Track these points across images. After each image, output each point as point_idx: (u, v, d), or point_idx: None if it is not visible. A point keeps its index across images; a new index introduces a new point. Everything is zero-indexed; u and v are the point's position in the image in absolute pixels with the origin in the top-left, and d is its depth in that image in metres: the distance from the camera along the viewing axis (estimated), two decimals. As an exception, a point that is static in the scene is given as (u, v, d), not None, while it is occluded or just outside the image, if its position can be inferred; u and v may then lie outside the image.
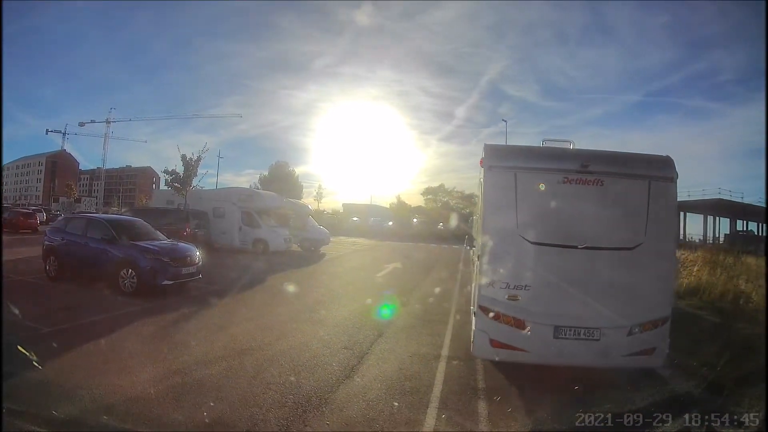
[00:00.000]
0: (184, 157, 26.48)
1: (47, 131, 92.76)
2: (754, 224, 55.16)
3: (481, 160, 5.94)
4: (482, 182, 6.03)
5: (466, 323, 7.80)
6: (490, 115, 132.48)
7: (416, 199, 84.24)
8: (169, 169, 26.60)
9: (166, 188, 27.72)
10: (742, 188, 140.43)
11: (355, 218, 61.09)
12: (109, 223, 11.57)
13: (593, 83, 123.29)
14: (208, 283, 11.84)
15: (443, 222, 54.88)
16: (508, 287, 5.60)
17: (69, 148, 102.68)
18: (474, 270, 7.27)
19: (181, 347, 6.65)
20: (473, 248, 8.95)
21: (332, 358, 6.60)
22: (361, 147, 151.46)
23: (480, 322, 5.77)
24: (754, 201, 46.89)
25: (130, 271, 10.23)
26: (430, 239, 44.12)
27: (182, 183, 26.03)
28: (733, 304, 10.39)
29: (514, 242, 5.64)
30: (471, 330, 6.25)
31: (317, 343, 7.33)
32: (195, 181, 27.03)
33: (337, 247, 28.55)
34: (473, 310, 6.16)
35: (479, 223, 6.59)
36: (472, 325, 6.11)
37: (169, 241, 11.87)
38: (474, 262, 7.31)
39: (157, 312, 8.73)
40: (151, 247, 10.67)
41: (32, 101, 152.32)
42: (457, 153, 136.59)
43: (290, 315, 9.28)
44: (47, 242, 11.92)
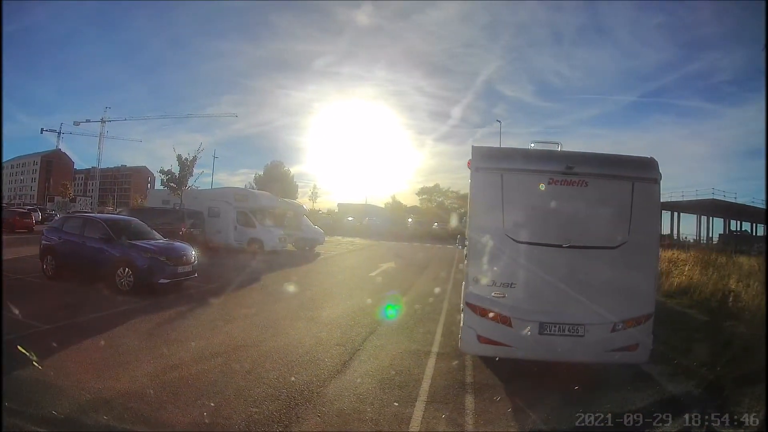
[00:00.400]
0: (179, 158, 26.72)
1: (42, 130, 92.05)
2: (747, 224, 55.66)
3: (469, 161, 6.09)
4: (470, 183, 6.20)
5: (457, 321, 7.96)
6: (485, 115, 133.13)
7: (411, 199, 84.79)
8: (165, 169, 26.85)
9: (162, 188, 27.84)
10: (735, 189, 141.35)
11: (350, 218, 61.23)
12: (106, 222, 11.70)
13: (588, 83, 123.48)
14: (203, 281, 11.99)
15: (438, 222, 55.11)
16: (495, 285, 5.76)
17: (64, 148, 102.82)
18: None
19: (177, 344, 6.80)
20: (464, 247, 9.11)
21: (325, 354, 6.76)
22: (356, 147, 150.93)
23: (468, 318, 5.93)
24: (747, 201, 47.26)
25: (127, 269, 10.38)
26: (425, 239, 44.33)
27: (178, 183, 26.19)
28: (722, 303, 10.54)
29: (501, 241, 5.79)
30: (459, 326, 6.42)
31: (310, 339, 7.49)
32: (190, 181, 27.30)
33: (332, 247, 28.75)
34: (462, 307, 6.33)
35: (467, 222, 6.76)
36: (461, 321, 6.29)
37: (165, 241, 12.02)
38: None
39: (154, 310, 8.86)
40: (148, 247, 10.82)
41: (27, 100, 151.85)
42: (452, 153, 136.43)
43: (284, 313, 9.43)
44: (44, 241, 12.06)
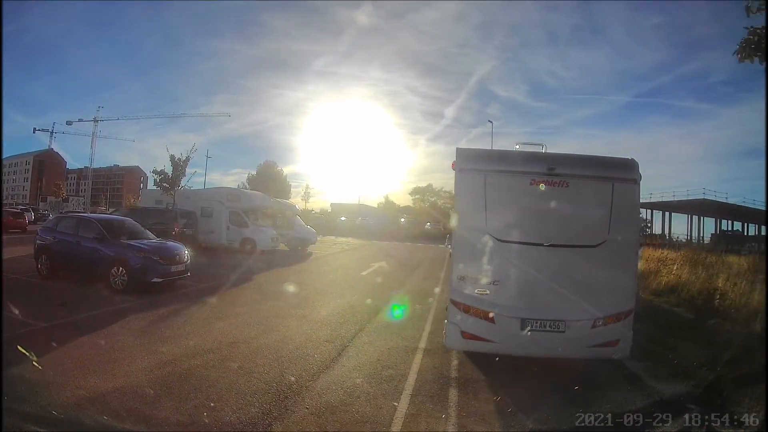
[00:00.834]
0: (172, 158, 26.80)
1: (35, 130, 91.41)
2: (738, 224, 56.19)
3: (453, 163, 6.29)
4: (454, 184, 6.39)
5: (444, 318, 8.14)
6: (479, 115, 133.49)
7: (404, 199, 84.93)
8: (158, 169, 26.92)
9: (155, 188, 27.89)
10: (728, 189, 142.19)
11: (343, 218, 61.39)
12: (100, 222, 11.83)
13: (583, 84, 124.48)
14: (196, 281, 12.14)
15: (431, 222, 55.36)
16: (478, 282, 5.96)
17: (56, 147, 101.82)
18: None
19: (171, 341, 6.96)
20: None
21: (314, 350, 6.95)
22: (349, 147, 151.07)
23: (452, 314, 6.14)
24: (738, 201, 47.66)
25: (120, 269, 10.51)
26: (417, 239, 44.62)
27: (171, 183, 26.25)
28: (708, 301, 10.71)
29: (484, 240, 5.98)
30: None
31: (301, 336, 7.67)
32: (183, 181, 27.41)
33: (325, 247, 28.91)
34: (447, 304, 6.52)
35: (452, 222, 6.94)
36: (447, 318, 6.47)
37: (158, 240, 12.18)
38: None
39: (148, 308, 9.01)
40: (142, 246, 10.97)
41: (20, 99, 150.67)
42: (445, 153, 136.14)
43: (276, 311, 9.59)
44: (39, 241, 12.16)
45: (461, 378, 6.15)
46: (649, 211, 54.10)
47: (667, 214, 55.09)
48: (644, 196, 47.83)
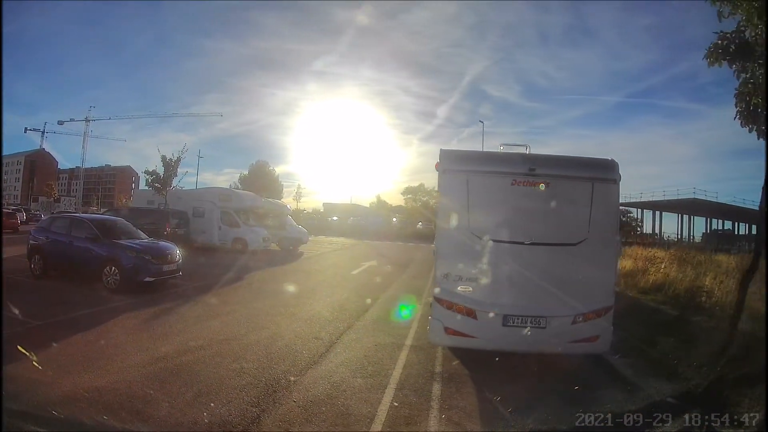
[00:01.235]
0: (164, 158, 26.85)
1: (26, 129, 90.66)
2: (729, 223, 56.71)
3: (437, 164, 6.47)
4: (438, 184, 6.57)
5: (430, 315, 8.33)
6: (471, 115, 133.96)
7: (397, 199, 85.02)
8: (150, 170, 26.98)
9: (147, 188, 27.93)
10: (718, 189, 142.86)
11: (335, 217, 61.49)
12: (92, 222, 11.94)
13: (575, 84, 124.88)
14: (188, 280, 12.29)
15: (423, 221, 55.56)
16: (461, 280, 6.14)
17: (48, 147, 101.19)
18: None
19: (163, 338, 7.12)
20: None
21: (303, 347, 7.13)
22: (342, 146, 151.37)
23: (436, 311, 6.31)
24: (728, 201, 48.11)
25: (113, 268, 10.63)
26: (409, 238, 44.77)
27: (162, 183, 26.32)
28: (694, 300, 10.87)
29: (467, 239, 6.16)
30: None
31: (290, 334, 7.84)
32: (175, 181, 27.47)
33: (316, 246, 29.01)
34: (431, 300, 6.70)
35: (436, 221, 7.12)
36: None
37: (150, 240, 12.30)
38: None
39: (141, 307, 9.14)
40: (134, 246, 11.11)
41: (10, 99, 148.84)
42: (437, 153, 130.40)
43: (266, 309, 9.74)
44: (32, 241, 12.25)
45: (445, 372, 6.34)
46: (640, 210, 54.53)
47: (658, 213, 55.54)
48: (635, 195, 48.35)
